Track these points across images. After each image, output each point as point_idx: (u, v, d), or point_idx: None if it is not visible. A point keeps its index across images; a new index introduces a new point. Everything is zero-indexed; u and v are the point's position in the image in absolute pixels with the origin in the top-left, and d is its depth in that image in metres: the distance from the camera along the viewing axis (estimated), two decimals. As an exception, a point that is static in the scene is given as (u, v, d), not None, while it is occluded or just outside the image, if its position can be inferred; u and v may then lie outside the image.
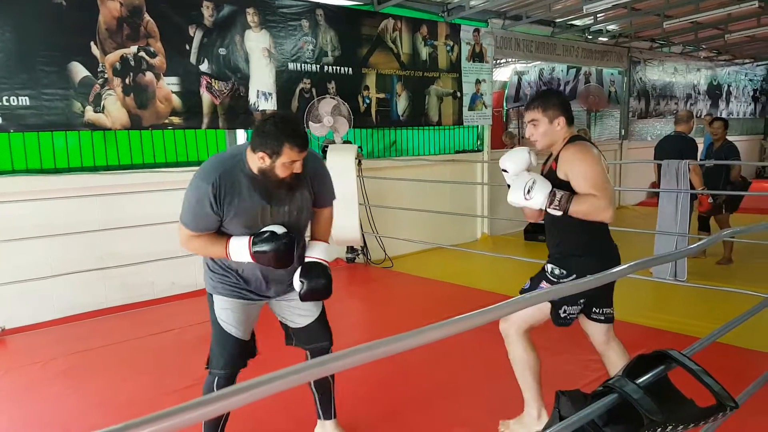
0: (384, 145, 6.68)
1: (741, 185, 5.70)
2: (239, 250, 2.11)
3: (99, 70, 4.39)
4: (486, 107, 7.18)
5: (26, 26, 4.06)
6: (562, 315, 2.33)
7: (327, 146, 5.52)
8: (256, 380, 0.67)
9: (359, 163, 5.51)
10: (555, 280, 2.36)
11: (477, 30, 6.90)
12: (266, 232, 2.11)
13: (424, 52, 6.45)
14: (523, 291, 2.50)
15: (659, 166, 5.16)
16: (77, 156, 4.65)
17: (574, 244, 2.35)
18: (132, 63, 4.54)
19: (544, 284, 2.42)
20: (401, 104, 6.32)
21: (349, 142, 5.78)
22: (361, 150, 5.82)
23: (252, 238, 2.10)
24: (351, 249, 6.01)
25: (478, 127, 7.37)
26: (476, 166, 7.33)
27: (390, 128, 6.51)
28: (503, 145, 9.63)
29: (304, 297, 2.26)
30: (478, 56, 6.98)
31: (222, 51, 4.98)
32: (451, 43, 6.69)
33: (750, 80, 13.08)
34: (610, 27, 8.45)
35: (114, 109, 4.48)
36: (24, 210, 4.23)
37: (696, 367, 0.96)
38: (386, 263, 5.92)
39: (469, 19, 6.81)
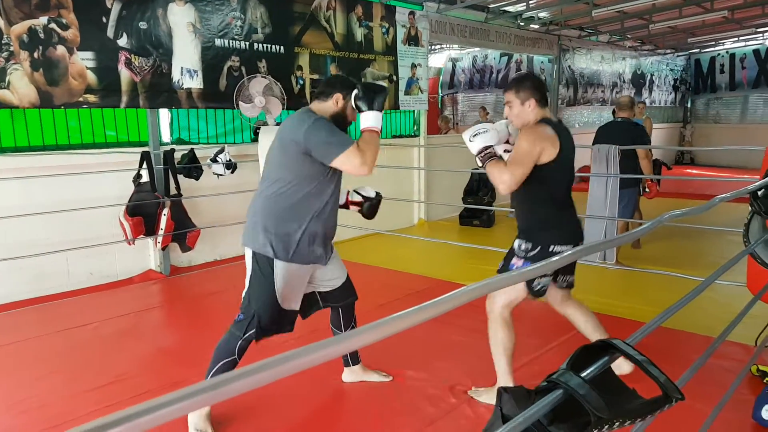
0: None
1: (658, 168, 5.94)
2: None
3: (3, 42, 4.00)
4: (422, 92, 7.15)
5: None
6: (537, 288, 2.51)
7: (259, 128, 5.31)
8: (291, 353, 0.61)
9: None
10: (524, 254, 2.52)
11: (412, 13, 6.83)
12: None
13: (359, 33, 6.31)
14: (499, 271, 2.63)
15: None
16: (-20, 136, 4.25)
17: (537, 218, 2.53)
18: (41, 35, 4.17)
19: (515, 261, 2.56)
20: (336, 86, 6.15)
21: (282, 125, 5.59)
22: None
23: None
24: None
25: (414, 112, 7.34)
26: (413, 151, 7.30)
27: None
28: (438, 130, 9.67)
29: (367, 213, 2.82)
30: (413, 40, 6.92)
31: (143, 25, 4.66)
32: (387, 25, 6.58)
33: (671, 70, 13.75)
34: (542, 14, 8.60)
35: (21, 85, 4.11)
36: None
37: (641, 357, 0.92)
38: (322, 249, 5.80)
39: (405, 1, 6.73)
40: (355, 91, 2.43)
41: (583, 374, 0.86)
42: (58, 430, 2.53)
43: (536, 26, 9.03)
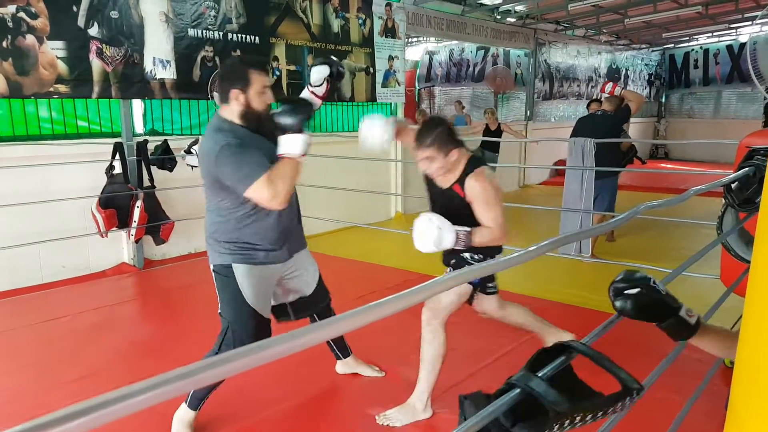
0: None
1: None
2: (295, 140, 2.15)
3: (-30, 30, 3.91)
4: (399, 84, 7.14)
5: None
6: (490, 291, 2.63)
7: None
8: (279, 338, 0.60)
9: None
10: (477, 262, 2.52)
11: (389, 4, 6.82)
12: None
13: (336, 24, 6.28)
14: None
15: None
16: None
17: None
18: (10, 24, 4.08)
19: None
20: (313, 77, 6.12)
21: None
22: (272, 124, 5.61)
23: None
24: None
25: (391, 104, 7.33)
26: (390, 144, 7.29)
27: (301, 103, 6.30)
28: (416, 124, 9.68)
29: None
30: (390, 32, 6.91)
31: (114, 14, 4.58)
32: (363, 17, 6.56)
33: (646, 65, 13.94)
34: (518, 8, 8.65)
35: (-12, 76, 4.02)
36: None
37: (596, 354, 0.94)
38: (299, 241, 5.78)
39: (381, -7, 6.72)
40: (274, 112, 2.16)
41: (540, 374, 0.87)
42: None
43: (513, 20, 9.08)
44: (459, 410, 0.89)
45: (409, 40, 11.01)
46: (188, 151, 5.04)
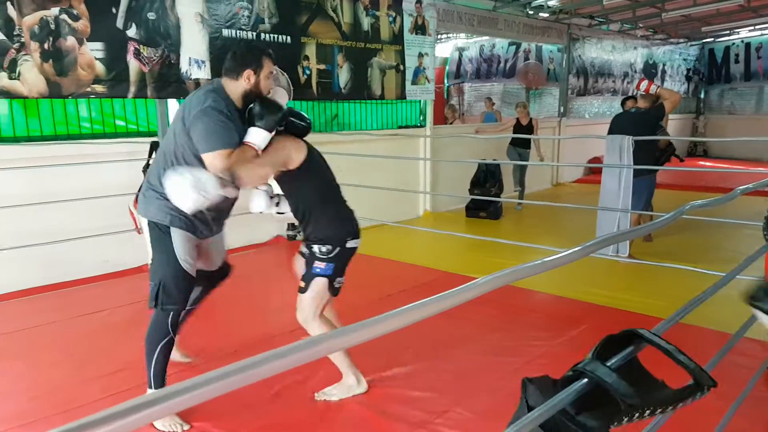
0: (325, 119, 6.54)
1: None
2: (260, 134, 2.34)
3: (15, 33, 4.05)
4: (429, 81, 7.13)
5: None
6: (336, 285, 2.66)
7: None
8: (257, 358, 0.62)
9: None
10: (326, 256, 2.59)
11: (420, 1, 6.81)
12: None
13: (366, 22, 6.31)
14: (304, 277, 2.66)
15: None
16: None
17: (320, 225, 2.63)
18: (52, 26, 4.22)
19: (318, 264, 2.61)
20: (343, 76, 6.19)
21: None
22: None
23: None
24: (292, 226, 5.89)
25: (420, 102, 7.33)
26: (419, 141, 7.30)
27: (331, 101, 6.37)
28: (444, 120, 9.65)
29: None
30: (420, 29, 6.90)
31: (151, 15, 4.70)
32: (394, 14, 6.57)
33: (684, 60, 13.56)
34: (551, 2, 8.52)
35: (30, 76, 4.16)
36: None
37: (669, 346, 0.91)
38: (327, 239, 5.83)
39: (412, -10, 6.72)
40: (251, 105, 2.37)
41: (609, 363, 0.85)
42: (67, 416, 2.61)
43: (546, 15, 8.95)
44: (521, 392, 0.88)
45: (439, 36, 10.96)
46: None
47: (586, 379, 0.83)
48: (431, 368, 3.04)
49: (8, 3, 3.99)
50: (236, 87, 2.40)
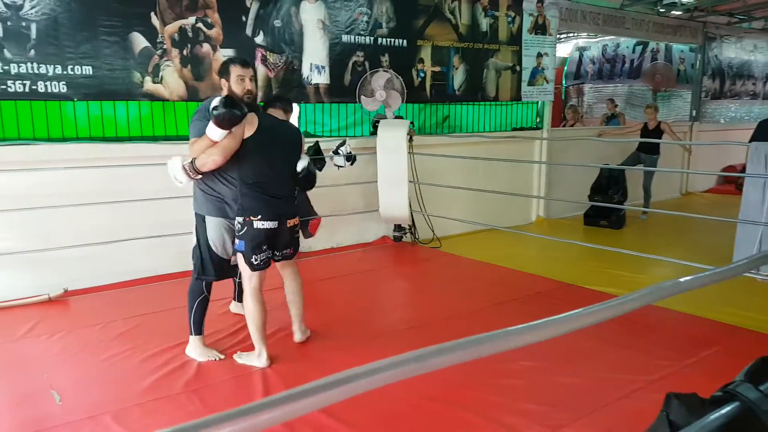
0: (436, 121, 6.54)
1: None
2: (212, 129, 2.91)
3: (158, 40, 4.44)
4: (547, 82, 6.91)
5: (90, -4, 4.13)
6: (255, 263, 3.05)
7: (378, 121, 5.43)
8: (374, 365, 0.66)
9: (410, 139, 5.41)
10: (239, 233, 3.04)
11: (541, 1, 6.61)
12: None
13: (484, 23, 6.24)
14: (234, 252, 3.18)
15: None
16: (137, 125, 4.75)
17: (242, 200, 3.06)
18: (190, 34, 4.58)
19: (236, 239, 3.09)
20: (458, 78, 6.16)
21: (401, 117, 5.67)
22: (413, 125, 5.71)
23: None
24: (398, 227, 5.94)
25: (537, 103, 7.11)
26: (534, 144, 7.08)
27: (444, 103, 6.36)
28: (562, 122, 9.28)
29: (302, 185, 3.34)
30: (540, 28, 6.70)
31: (277, 23, 4.95)
32: (513, 14, 6.44)
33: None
34: (685, 0, 7.92)
35: (172, 80, 4.54)
36: (88, 176, 4.34)
37: None
38: (434, 243, 5.82)
39: (533, -10, 6.53)
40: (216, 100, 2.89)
41: (763, 387, 0.79)
42: (198, 394, 2.81)
43: (678, 13, 8.33)
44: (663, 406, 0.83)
45: (559, 36, 10.57)
46: (335, 152, 5.30)
47: (737, 403, 0.75)
48: (547, 381, 2.92)
49: (152, 13, 4.38)
50: (223, 93, 3.09)
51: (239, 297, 3.72)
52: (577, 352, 3.24)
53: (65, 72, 4.09)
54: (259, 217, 3.00)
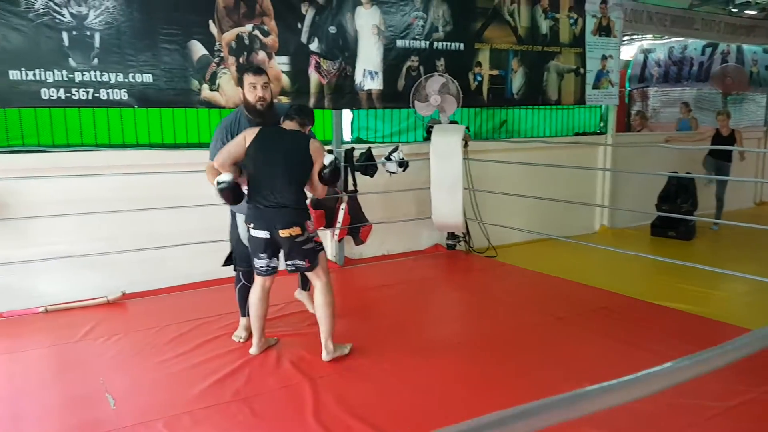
0: (493, 126, 6.37)
1: None
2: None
3: (216, 48, 4.49)
4: (612, 85, 6.64)
5: (151, 4, 4.22)
6: (258, 267, 3.23)
7: (432, 126, 5.33)
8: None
9: (465, 145, 5.27)
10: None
11: (605, 2, 6.36)
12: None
13: (545, 25, 6.06)
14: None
15: None
16: (195, 132, 4.82)
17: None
18: (246, 41, 4.61)
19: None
20: (517, 81, 5.99)
21: (456, 122, 5.55)
22: (469, 130, 5.56)
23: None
24: (452, 235, 5.80)
25: (601, 107, 6.83)
26: (597, 150, 6.79)
27: (501, 107, 6.19)
28: (626, 127, 8.90)
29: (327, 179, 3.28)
30: (604, 30, 6.46)
31: (332, 29, 4.92)
32: (575, 16, 6.22)
33: None
34: (761, -2, 7.45)
35: (228, 88, 4.58)
36: (146, 182, 4.43)
37: None
38: (490, 252, 5.64)
39: (596, -10, 6.29)
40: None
41: None
42: (247, 403, 2.77)
43: (752, 12, 7.84)
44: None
45: (622, 38, 10.17)
46: (388, 158, 5.23)
47: None
48: None
49: (210, 21, 4.43)
50: (243, 104, 3.34)
51: (303, 285, 3.96)
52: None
53: (126, 80, 4.18)
54: (252, 225, 3.13)
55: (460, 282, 5.12)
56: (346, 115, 5.45)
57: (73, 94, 4.03)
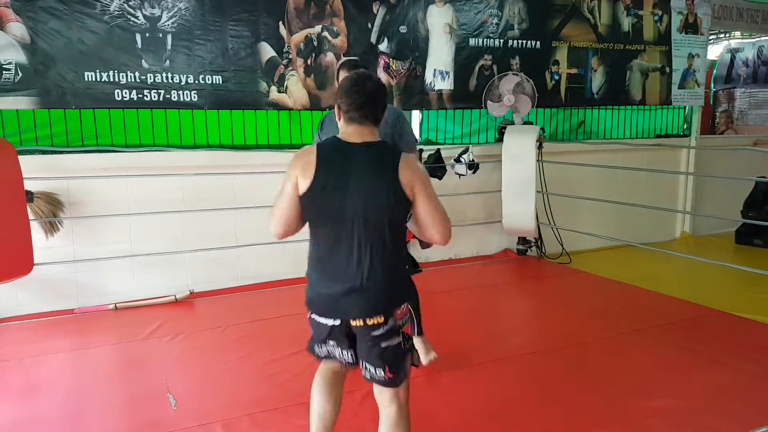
0: (570, 126, 6.07)
1: None
2: None
3: (284, 50, 4.48)
4: (699, 85, 6.26)
5: (222, 6, 4.25)
6: (316, 351, 2.17)
7: (504, 127, 5.13)
8: None
9: (540, 146, 5.03)
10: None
11: (691, -3, 5.98)
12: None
13: (627, 22, 5.77)
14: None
15: None
16: (264, 134, 4.84)
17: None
18: (315, 43, 4.58)
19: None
20: (596, 80, 5.71)
21: (530, 123, 5.31)
22: (543, 131, 5.31)
23: None
24: (523, 240, 5.56)
25: (684, 108, 6.41)
26: (680, 153, 6.38)
27: (580, 107, 5.91)
28: (710, 129, 8.37)
29: None
30: (691, 27, 6.06)
31: (403, 29, 4.82)
32: (660, 13, 5.89)
33: None
34: None
35: (296, 90, 4.57)
36: (215, 182, 4.48)
37: None
38: (563, 258, 5.37)
39: (681, -14, 5.92)
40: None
41: None
42: (306, 408, 2.70)
43: None
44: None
45: (709, 36, 9.57)
46: (457, 160, 5.07)
47: None
48: (691, 423, 2.51)
49: (280, 23, 4.42)
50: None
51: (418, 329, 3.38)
52: (724, 390, 2.82)
53: (197, 81, 4.23)
54: (312, 308, 2.07)
55: (530, 289, 4.89)
56: (416, 116, 5.33)
57: (145, 96, 4.11)
